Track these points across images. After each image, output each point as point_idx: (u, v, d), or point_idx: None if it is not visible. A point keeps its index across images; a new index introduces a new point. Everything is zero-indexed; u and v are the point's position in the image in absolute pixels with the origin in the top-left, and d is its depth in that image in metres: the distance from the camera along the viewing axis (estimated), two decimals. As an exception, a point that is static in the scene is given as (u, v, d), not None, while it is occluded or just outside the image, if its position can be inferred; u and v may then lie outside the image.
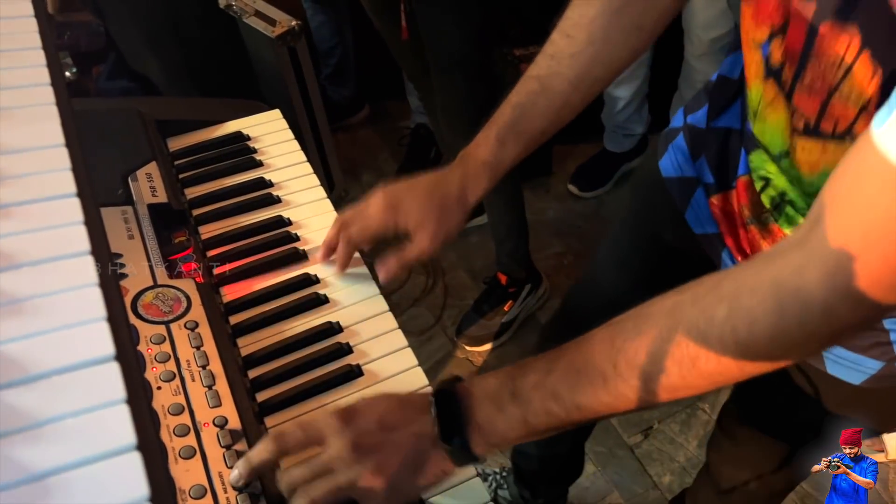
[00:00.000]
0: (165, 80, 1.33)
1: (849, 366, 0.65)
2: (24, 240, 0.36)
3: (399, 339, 0.67)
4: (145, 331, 0.62)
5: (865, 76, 0.45)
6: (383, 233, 0.69)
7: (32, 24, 0.52)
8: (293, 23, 1.60)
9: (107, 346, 0.34)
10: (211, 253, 0.74)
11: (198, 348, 0.61)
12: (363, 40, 2.04)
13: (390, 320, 0.69)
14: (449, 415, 0.52)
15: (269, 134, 0.90)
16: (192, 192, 0.81)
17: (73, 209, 0.37)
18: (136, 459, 0.31)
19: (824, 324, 0.41)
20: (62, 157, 0.40)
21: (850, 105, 0.48)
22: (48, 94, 0.44)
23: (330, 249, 0.73)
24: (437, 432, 0.52)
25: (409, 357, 0.66)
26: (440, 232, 0.68)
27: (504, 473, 1.36)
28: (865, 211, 0.37)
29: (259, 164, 0.85)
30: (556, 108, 0.69)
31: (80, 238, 0.36)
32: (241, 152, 0.86)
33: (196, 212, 0.79)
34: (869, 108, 0.47)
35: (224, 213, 0.78)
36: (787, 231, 0.62)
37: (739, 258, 0.70)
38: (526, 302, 1.70)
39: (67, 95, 0.43)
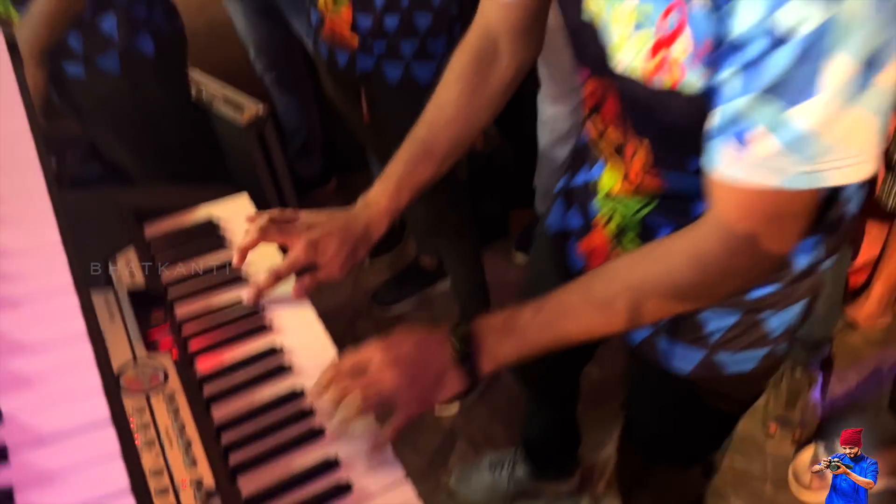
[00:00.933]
0: (137, 168, 1.42)
1: (679, 357, 0.82)
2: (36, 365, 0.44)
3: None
4: (128, 403, 0.69)
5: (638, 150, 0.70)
6: (304, 265, 0.85)
7: (29, 140, 0.61)
8: (261, 109, 1.72)
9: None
10: (186, 329, 0.81)
11: (175, 417, 0.68)
12: (328, 115, 2.17)
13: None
14: (463, 343, 0.70)
15: (238, 217, 0.98)
16: (168, 275, 0.89)
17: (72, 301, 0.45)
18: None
19: (726, 272, 0.62)
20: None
21: (638, 164, 0.73)
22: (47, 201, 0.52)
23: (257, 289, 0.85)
24: (455, 356, 0.70)
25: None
26: (348, 265, 0.87)
27: (516, 455, 1.53)
28: (729, 207, 0.59)
29: (228, 246, 0.93)
30: (437, 163, 0.88)
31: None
32: (212, 235, 0.95)
33: (172, 291, 0.86)
34: (647, 169, 0.73)
35: (197, 292, 0.86)
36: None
37: None
38: (490, 361, 1.77)
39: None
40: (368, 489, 0.68)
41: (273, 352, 0.80)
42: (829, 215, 0.73)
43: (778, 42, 0.50)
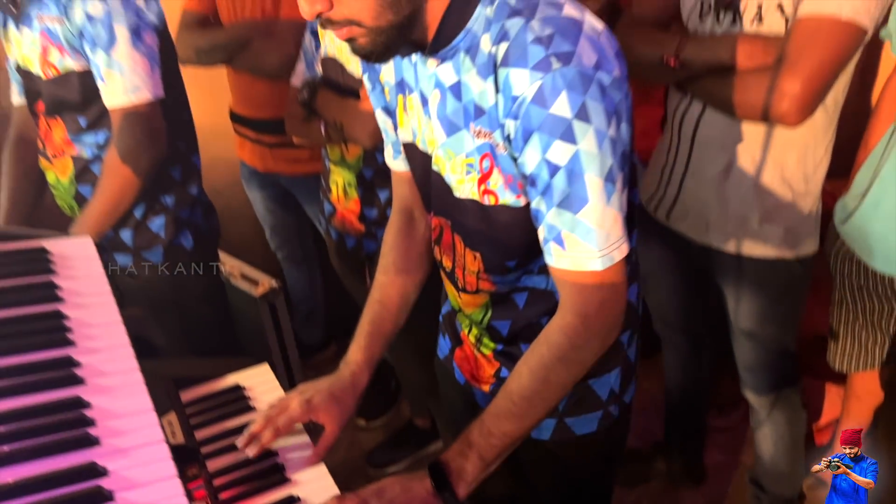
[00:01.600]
0: (163, 343, 1.59)
1: (541, 426, 1.01)
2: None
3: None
4: (169, 545, 0.81)
5: (471, 259, 0.95)
6: (301, 421, 1.00)
7: (121, 326, 0.79)
8: (274, 283, 1.93)
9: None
10: (217, 482, 0.95)
11: (210, 557, 0.81)
12: (331, 289, 2.38)
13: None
14: (439, 474, 0.85)
15: (261, 384, 1.15)
16: (202, 434, 1.04)
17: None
18: None
19: (574, 350, 0.86)
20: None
21: (471, 276, 0.97)
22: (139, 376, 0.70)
23: (253, 437, 0.98)
24: (433, 487, 0.84)
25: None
26: (343, 418, 1.02)
27: None
28: (566, 290, 0.85)
29: (253, 409, 1.09)
30: (394, 317, 1.09)
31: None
32: (239, 400, 1.11)
33: (205, 449, 1.01)
34: (481, 275, 0.96)
35: (227, 449, 1.01)
36: (488, 353, 1.05)
37: (485, 388, 1.08)
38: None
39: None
40: None
41: (291, 501, 0.93)
42: None
43: (554, 171, 0.76)
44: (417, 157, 0.97)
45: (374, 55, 0.80)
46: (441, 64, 0.85)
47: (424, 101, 0.90)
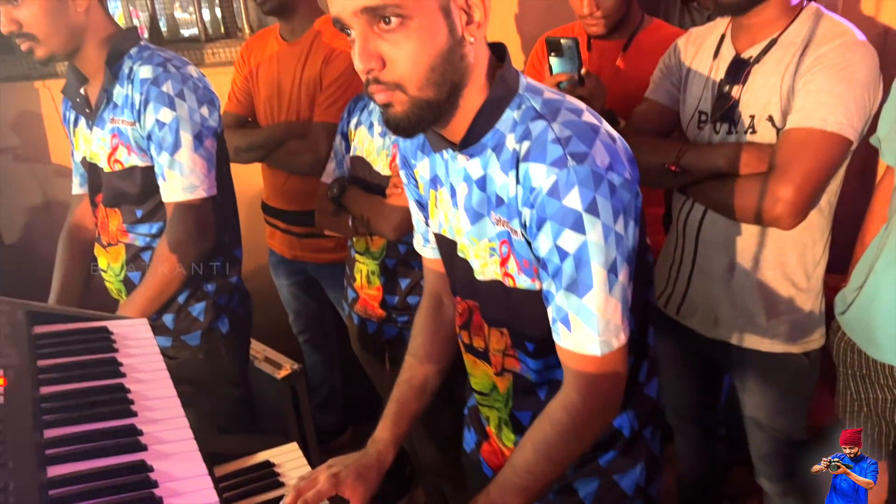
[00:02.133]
0: (193, 419, 1.66)
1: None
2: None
3: None
4: None
5: (497, 337, 1.00)
6: (328, 495, 1.03)
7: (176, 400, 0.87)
8: (296, 366, 2.01)
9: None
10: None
11: None
12: (349, 373, 2.45)
13: None
14: None
15: (290, 461, 1.22)
16: (236, 505, 1.09)
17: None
18: None
19: (576, 428, 0.90)
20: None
21: (497, 355, 1.02)
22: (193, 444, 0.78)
23: None
24: None
25: None
26: (367, 495, 1.06)
27: None
28: (567, 372, 0.91)
29: (283, 485, 1.15)
30: (421, 397, 1.14)
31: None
32: (269, 476, 1.17)
33: (238, 521, 1.06)
34: (507, 352, 1.01)
35: (258, 522, 1.06)
36: (510, 446, 1.08)
37: None
38: None
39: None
40: None
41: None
42: (632, 394, 1.00)
43: (563, 256, 0.83)
44: (445, 246, 1.05)
45: (402, 127, 0.85)
46: (470, 159, 0.93)
47: (453, 193, 0.98)
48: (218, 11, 2.62)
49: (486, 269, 0.97)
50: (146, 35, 2.54)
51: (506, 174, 0.89)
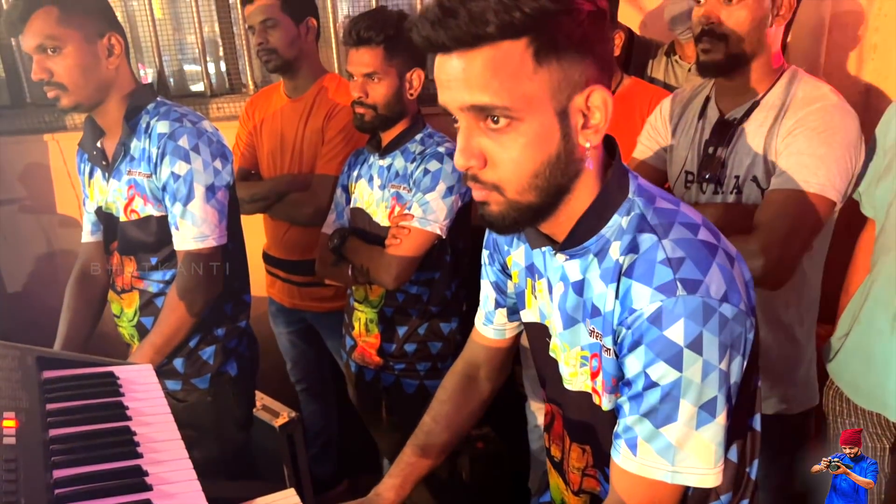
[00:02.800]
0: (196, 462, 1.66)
1: None
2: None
3: None
4: None
5: (578, 455, 0.94)
6: None
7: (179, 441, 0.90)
8: (293, 415, 2.02)
9: None
10: None
11: None
12: (346, 423, 2.45)
13: None
14: None
15: (289, 508, 1.23)
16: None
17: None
18: None
19: None
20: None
21: (576, 473, 0.96)
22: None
23: None
24: None
25: None
26: None
27: None
28: (624, 495, 0.81)
29: (282, 531, 1.16)
30: (432, 462, 1.11)
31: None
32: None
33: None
34: (587, 471, 0.94)
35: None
36: None
37: None
38: None
39: None
40: None
41: None
42: (739, 480, 0.90)
43: (649, 386, 0.76)
44: (540, 339, 0.97)
45: (498, 226, 0.79)
46: (569, 260, 0.86)
47: (550, 289, 0.91)
48: (223, 65, 2.72)
49: (574, 378, 0.90)
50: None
51: (606, 284, 0.81)
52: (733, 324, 0.74)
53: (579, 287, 0.85)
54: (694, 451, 0.76)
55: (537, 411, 2.18)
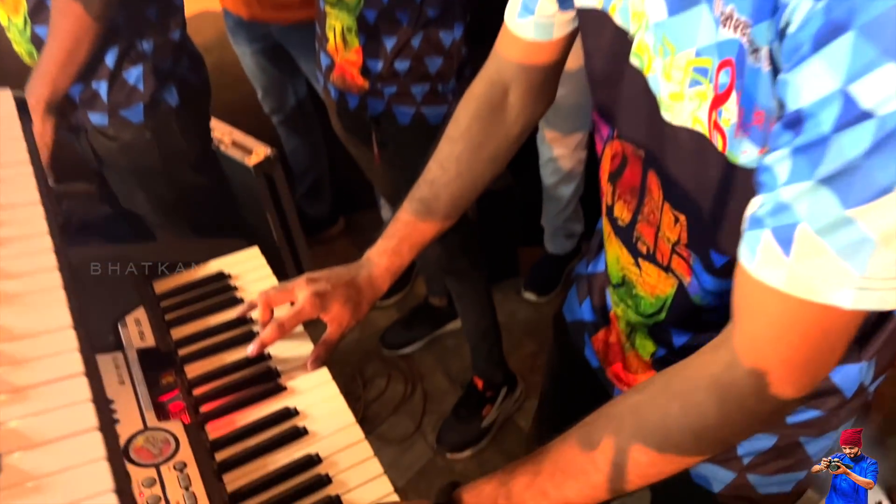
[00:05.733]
0: (152, 215, 1.41)
1: (707, 476, 0.75)
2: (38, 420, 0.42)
3: (375, 466, 0.72)
4: (137, 475, 0.66)
5: (669, 222, 0.61)
6: (309, 318, 0.81)
7: (39, 211, 0.59)
8: (269, 151, 1.71)
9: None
10: (197, 391, 0.79)
11: (187, 489, 0.66)
12: (337, 156, 2.16)
13: (366, 449, 0.74)
14: None
15: (250, 271, 0.97)
16: (178, 332, 0.87)
17: (83, 388, 0.43)
18: None
19: (759, 406, 0.51)
20: (71, 340, 0.46)
21: (665, 243, 0.64)
22: (56, 280, 0.51)
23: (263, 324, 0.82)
24: None
25: (385, 484, 0.70)
26: (351, 322, 0.83)
27: None
28: (762, 319, 0.49)
29: (240, 301, 0.91)
30: (439, 221, 0.85)
31: (89, 415, 0.41)
32: (222, 291, 0.93)
33: (182, 351, 0.84)
34: (678, 249, 0.62)
35: (208, 352, 0.84)
36: (645, 357, 0.76)
37: (624, 388, 0.81)
38: (503, 405, 1.74)
39: (72, 281, 0.50)
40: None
41: (287, 414, 0.77)
42: (881, 334, 0.65)
43: (850, 122, 0.40)
44: (606, 36, 0.62)
45: None
46: None
47: None
48: None
49: (678, 104, 0.55)
50: None
51: None
52: None
53: None
54: None
55: (553, 143, 1.87)
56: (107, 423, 0.40)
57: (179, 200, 1.39)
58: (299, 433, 0.75)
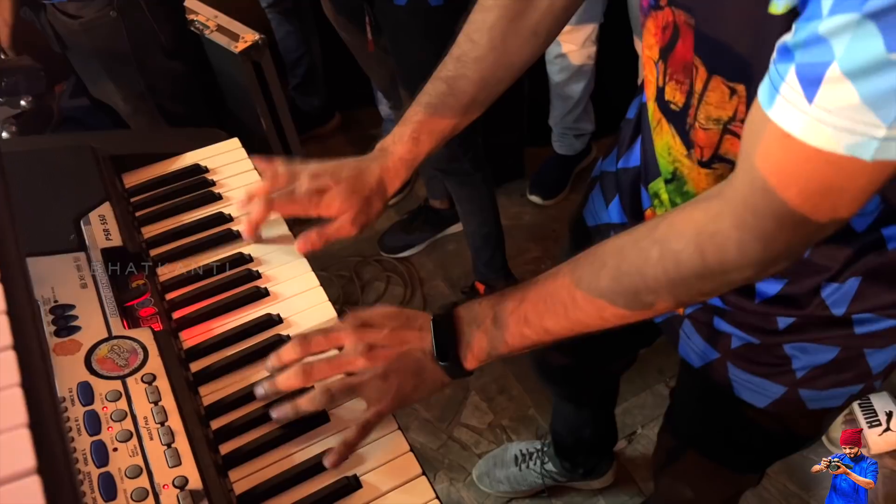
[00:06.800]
0: (127, 108, 1.29)
1: (754, 390, 0.71)
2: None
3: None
4: (100, 388, 0.60)
5: (721, 98, 0.55)
6: (304, 214, 0.73)
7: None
8: (256, 37, 1.57)
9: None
10: (169, 296, 0.72)
11: (156, 403, 0.59)
12: (331, 49, 2.01)
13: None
14: (444, 336, 0.61)
15: (229, 165, 0.87)
16: (149, 231, 0.78)
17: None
18: None
19: (739, 260, 0.49)
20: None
21: (711, 122, 0.57)
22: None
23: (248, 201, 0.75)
24: (433, 351, 0.61)
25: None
26: (361, 219, 0.75)
27: (545, 448, 1.40)
28: (766, 165, 0.45)
29: (218, 198, 0.82)
30: (463, 107, 0.75)
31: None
32: (199, 186, 0.84)
33: (153, 252, 0.76)
34: (732, 127, 0.56)
35: (182, 253, 0.76)
36: None
37: None
38: (504, 311, 1.69)
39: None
40: (380, 488, 0.60)
41: (271, 322, 0.70)
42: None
43: None
44: None
45: None
46: None
47: None
48: None
49: None
50: None
51: None
52: None
53: None
54: None
55: (561, 38, 1.72)
56: (24, 342, 0.32)
57: (151, 89, 1.27)
58: (283, 342, 0.68)
